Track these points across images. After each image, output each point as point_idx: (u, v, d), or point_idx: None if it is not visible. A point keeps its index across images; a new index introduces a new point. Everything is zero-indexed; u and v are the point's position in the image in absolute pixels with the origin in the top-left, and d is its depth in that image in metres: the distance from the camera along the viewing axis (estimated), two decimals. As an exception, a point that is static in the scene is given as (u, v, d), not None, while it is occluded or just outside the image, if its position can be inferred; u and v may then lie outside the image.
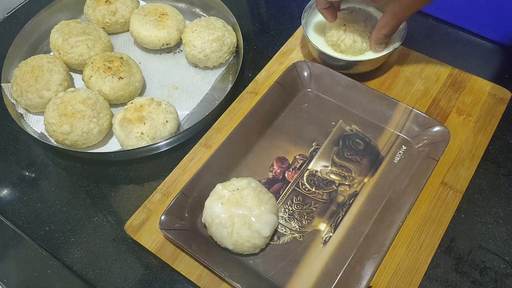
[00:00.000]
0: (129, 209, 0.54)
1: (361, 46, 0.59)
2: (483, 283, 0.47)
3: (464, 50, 0.67)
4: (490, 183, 0.54)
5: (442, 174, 0.53)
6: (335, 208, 0.52)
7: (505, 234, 0.50)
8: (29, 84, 0.59)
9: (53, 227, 0.54)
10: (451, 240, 0.50)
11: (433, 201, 0.51)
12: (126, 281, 0.49)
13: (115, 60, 0.61)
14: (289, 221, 0.51)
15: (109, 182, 0.57)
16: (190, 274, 0.48)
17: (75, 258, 0.51)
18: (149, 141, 0.56)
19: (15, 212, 0.55)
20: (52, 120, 0.56)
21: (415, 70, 0.63)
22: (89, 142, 0.58)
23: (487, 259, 0.49)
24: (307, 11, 0.62)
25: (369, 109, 0.58)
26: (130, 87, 0.61)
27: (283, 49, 0.66)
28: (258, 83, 0.63)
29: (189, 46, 0.64)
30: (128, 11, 0.69)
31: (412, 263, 0.48)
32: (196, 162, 0.56)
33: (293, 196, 0.53)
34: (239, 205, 0.47)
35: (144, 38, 0.66)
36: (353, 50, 0.60)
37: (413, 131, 0.56)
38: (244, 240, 0.46)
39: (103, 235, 0.53)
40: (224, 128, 0.58)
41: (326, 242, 0.49)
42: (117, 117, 0.57)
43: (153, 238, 0.50)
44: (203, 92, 0.65)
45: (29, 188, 0.57)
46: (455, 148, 0.55)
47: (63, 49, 0.63)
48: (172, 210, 0.49)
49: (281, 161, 0.56)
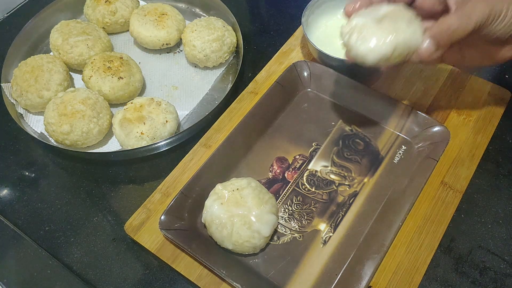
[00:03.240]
0: (129, 209, 0.54)
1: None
2: (483, 283, 0.47)
3: (464, 50, 0.67)
4: (490, 183, 0.54)
5: (442, 174, 0.53)
6: (335, 208, 0.52)
7: (505, 234, 0.50)
8: (29, 84, 0.59)
9: (53, 227, 0.54)
10: (451, 240, 0.50)
11: (433, 201, 0.51)
12: (126, 281, 0.49)
13: (115, 60, 0.61)
14: (289, 221, 0.51)
15: (109, 182, 0.57)
16: (190, 274, 0.48)
17: (75, 258, 0.51)
18: (149, 141, 0.56)
19: (15, 212, 0.55)
20: (52, 120, 0.56)
21: (415, 70, 0.63)
22: (89, 142, 0.58)
23: (487, 259, 0.49)
24: (307, 11, 0.62)
25: (369, 109, 0.58)
26: (130, 87, 0.61)
27: (283, 49, 0.66)
28: (258, 83, 0.63)
29: (189, 46, 0.64)
30: (128, 11, 0.69)
31: (412, 263, 0.48)
32: (196, 162, 0.56)
33: (293, 196, 0.53)
34: (239, 205, 0.47)
35: (144, 38, 0.66)
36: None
37: (413, 131, 0.56)
38: (244, 240, 0.46)
39: (103, 235, 0.53)
40: (224, 128, 0.58)
41: (326, 242, 0.49)
42: (117, 117, 0.57)
43: (153, 238, 0.50)
44: (203, 92, 0.65)
45: (29, 188, 0.57)
46: (455, 148, 0.55)
47: (63, 49, 0.63)
48: (172, 210, 0.49)
49: (281, 161, 0.56)
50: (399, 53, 0.44)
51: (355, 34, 0.45)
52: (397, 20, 0.44)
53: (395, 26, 0.44)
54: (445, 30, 0.44)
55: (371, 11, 0.46)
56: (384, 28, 0.44)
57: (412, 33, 0.44)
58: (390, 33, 0.43)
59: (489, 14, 0.44)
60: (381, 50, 0.44)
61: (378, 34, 0.44)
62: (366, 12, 0.46)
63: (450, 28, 0.44)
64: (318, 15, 0.65)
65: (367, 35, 0.44)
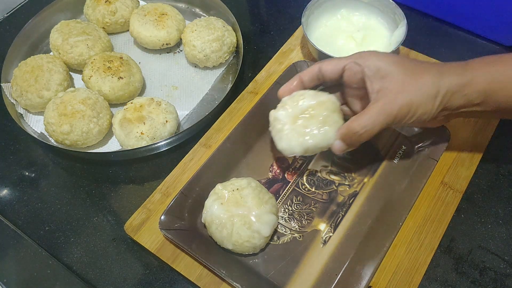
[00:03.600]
0: (129, 209, 0.54)
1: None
2: (483, 283, 0.47)
3: (464, 50, 0.67)
4: (490, 183, 0.54)
5: (442, 174, 0.53)
6: (335, 208, 0.52)
7: (504, 234, 0.50)
8: (29, 84, 0.59)
9: (53, 227, 0.54)
10: (451, 240, 0.50)
11: (433, 201, 0.51)
12: (126, 281, 0.49)
13: (115, 60, 0.61)
14: (289, 221, 0.51)
15: (109, 182, 0.57)
16: (190, 274, 0.48)
17: (75, 258, 0.51)
18: (149, 141, 0.56)
19: (15, 212, 0.55)
20: (52, 120, 0.56)
21: (415, 70, 0.63)
22: (89, 142, 0.58)
23: (487, 259, 0.49)
24: (307, 11, 0.62)
25: (369, 109, 0.58)
26: (130, 87, 0.61)
27: (283, 49, 0.66)
28: (258, 83, 0.63)
29: (189, 46, 0.64)
30: (128, 11, 0.69)
31: (412, 263, 0.48)
32: (196, 162, 0.56)
33: (293, 196, 0.53)
34: (239, 205, 0.47)
35: (144, 38, 0.66)
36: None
37: (413, 131, 0.56)
38: (244, 240, 0.46)
39: (103, 235, 0.53)
40: (224, 128, 0.58)
41: (326, 242, 0.49)
42: (117, 117, 0.57)
43: (153, 238, 0.50)
44: (203, 92, 0.65)
45: (29, 188, 0.57)
46: (455, 148, 0.55)
47: (63, 49, 0.63)
48: (172, 210, 0.49)
49: (281, 161, 0.56)
50: (312, 151, 0.49)
51: (274, 129, 0.50)
52: (313, 121, 0.47)
53: (310, 129, 0.47)
54: (352, 134, 0.45)
55: (298, 98, 0.49)
56: (298, 131, 0.48)
57: (323, 136, 0.47)
58: (302, 137, 0.47)
59: (408, 111, 0.44)
60: (294, 151, 0.48)
61: (291, 137, 0.48)
62: (294, 100, 0.49)
63: (358, 131, 0.45)
64: (318, 15, 0.65)
65: (283, 135, 0.49)
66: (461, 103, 0.44)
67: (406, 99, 0.43)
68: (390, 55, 0.46)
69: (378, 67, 0.45)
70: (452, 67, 0.45)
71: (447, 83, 0.44)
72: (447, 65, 0.45)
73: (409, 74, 0.44)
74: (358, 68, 0.46)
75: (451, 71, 0.44)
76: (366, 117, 0.44)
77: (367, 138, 0.46)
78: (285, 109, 0.49)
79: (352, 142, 0.46)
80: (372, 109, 0.44)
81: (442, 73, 0.44)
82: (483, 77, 0.43)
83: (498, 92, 0.43)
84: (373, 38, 0.63)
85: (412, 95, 0.43)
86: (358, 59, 0.46)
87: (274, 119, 0.50)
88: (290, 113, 0.49)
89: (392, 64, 0.45)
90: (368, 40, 0.63)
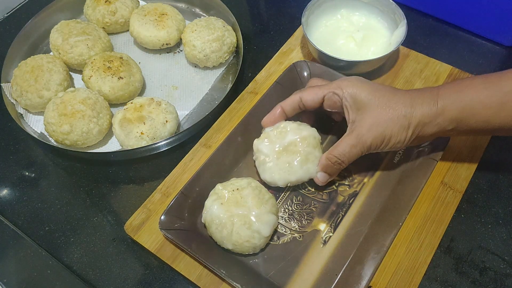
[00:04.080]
0: (129, 209, 0.54)
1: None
2: (483, 283, 0.47)
3: (464, 50, 0.67)
4: (490, 183, 0.54)
5: (442, 174, 0.53)
6: (335, 208, 0.52)
7: (504, 234, 0.50)
8: (29, 84, 0.59)
9: (53, 227, 0.54)
10: (451, 240, 0.50)
11: (433, 201, 0.51)
12: (126, 281, 0.49)
13: (115, 60, 0.61)
14: (289, 221, 0.51)
15: (109, 182, 0.57)
16: (190, 274, 0.48)
17: (75, 258, 0.51)
18: (149, 141, 0.56)
19: (15, 212, 0.55)
20: (52, 120, 0.56)
21: (415, 70, 0.63)
22: (89, 142, 0.58)
23: (487, 259, 0.49)
24: (307, 11, 0.62)
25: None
26: (130, 87, 0.61)
27: (283, 49, 0.66)
28: (258, 83, 0.63)
29: (189, 46, 0.64)
30: (128, 11, 0.69)
31: (412, 263, 0.48)
32: (196, 162, 0.56)
33: (293, 196, 0.53)
34: (239, 205, 0.47)
35: (144, 38, 0.66)
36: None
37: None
38: (244, 240, 0.46)
39: (103, 235, 0.53)
40: (224, 128, 0.58)
41: (326, 242, 0.49)
42: (117, 117, 0.57)
43: (153, 238, 0.50)
44: (203, 92, 0.65)
45: (29, 188, 0.57)
46: (455, 148, 0.55)
47: (63, 49, 0.63)
48: (172, 210, 0.49)
49: (281, 161, 0.56)
50: (294, 184, 0.51)
51: (258, 160, 0.51)
52: (296, 157, 0.50)
53: (292, 166, 0.50)
54: (332, 164, 0.49)
55: (282, 131, 0.51)
56: (280, 167, 0.50)
57: (305, 172, 0.50)
58: (285, 173, 0.50)
59: (382, 141, 0.47)
60: (277, 183, 0.50)
61: (274, 171, 0.50)
62: (277, 132, 0.51)
63: (337, 161, 0.49)
64: (318, 15, 0.65)
65: (266, 168, 0.50)
66: (434, 131, 0.47)
67: (379, 131, 0.47)
68: (368, 85, 0.48)
69: (354, 98, 0.48)
70: (425, 97, 0.47)
71: (419, 114, 0.46)
72: (420, 94, 0.47)
73: (382, 106, 0.47)
74: (337, 98, 0.49)
75: (424, 102, 0.46)
76: (342, 148, 0.48)
77: (345, 165, 0.49)
78: (269, 141, 0.51)
79: (333, 171, 0.50)
80: (347, 140, 0.48)
81: (414, 105, 0.46)
82: (454, 105, 0.45)
83: (470, 118, 0.46)
84: (373, 38, 0.64)
85: (384, 127, 0.46)
86: (337, 89, 0.49)
87: (257, 150, 0.52)
88: (273, 148, 0.51)
89: (368, 94, 0.47)
90: (368, 40, 0.63)
